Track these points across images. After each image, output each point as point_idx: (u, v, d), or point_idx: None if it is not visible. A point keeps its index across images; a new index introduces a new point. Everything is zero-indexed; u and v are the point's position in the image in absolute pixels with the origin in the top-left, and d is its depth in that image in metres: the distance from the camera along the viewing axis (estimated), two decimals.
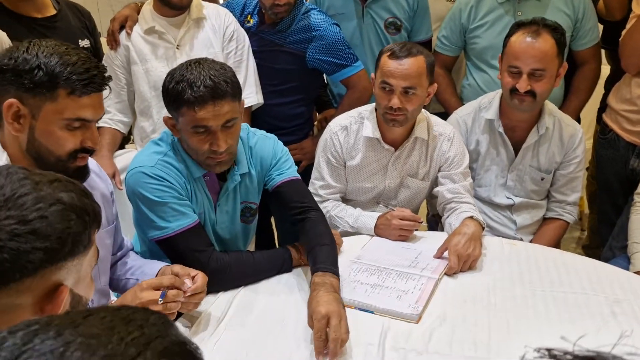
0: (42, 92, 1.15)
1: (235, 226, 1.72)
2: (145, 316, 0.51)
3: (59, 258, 0.74)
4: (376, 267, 1.67)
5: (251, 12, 2.29)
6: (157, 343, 0.49)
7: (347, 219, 1.90)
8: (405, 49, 1.79)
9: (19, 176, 0.76)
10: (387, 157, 1.95)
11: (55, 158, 1.21)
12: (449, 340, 1.37)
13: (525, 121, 2.00)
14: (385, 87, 1.80)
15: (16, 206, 0.72)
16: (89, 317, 0.50)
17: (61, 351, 0.45)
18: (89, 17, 2.30)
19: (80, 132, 1.21)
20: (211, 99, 1.42)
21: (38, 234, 0.72)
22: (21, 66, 1.14)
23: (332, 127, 1.98)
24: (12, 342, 0.46)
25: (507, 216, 2.12)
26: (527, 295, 1.55)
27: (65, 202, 0.75)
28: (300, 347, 1.34)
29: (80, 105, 1.18)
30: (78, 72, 1.16)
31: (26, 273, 0.72)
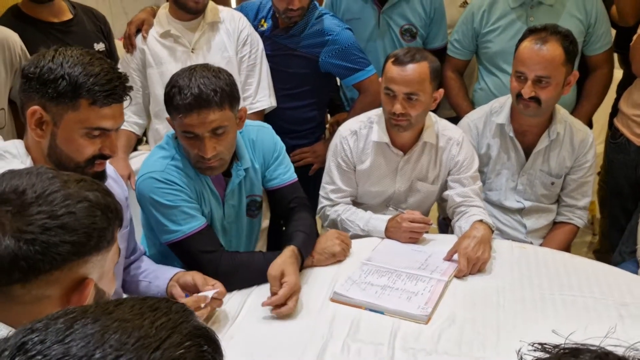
0: (65, 102, 1.19)
1: (241, 221, 1.76)
2: (168, 305, 0.57)
3: (85, 252, 0.78)
4: (386, 268, 1.69)
5: (265, 16, 2.32)
6: (183, 327, 0.54)
7: (358, 222, 1.92)
8: (408, 55, 1.80)
9: (48, 175, 0.80)
10: (396, 161, 1.97)
11: (74, 164, 1.24)
12: (458, 341, 1.39)
13: (536, 126, 2.01)
14: (388, 93, 1.83)
15: (46, 202, 0.76)
16: (120, 305, 0.55)
17: (101, 333, 0.50)
18: (104, 21, 2.35)
19: (99, 140, 1.25)
20: (196, 107, 1.46)
21: (67, 228, 0.76)
22: (46, 75, 1.18)
23: (341, 131, 2.00)
24: (55, 327, 0.51)
25: (517, 220, 2.13)
26: (536, 298, 1.56)
27: (91, 200, 0.80)
28: (312, 344, 1.37)
29: (101, 115, 1.22)
30: (100, 83, 1.19)
31: (55, 265, 0.76)
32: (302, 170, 2.26)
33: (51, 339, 0.49)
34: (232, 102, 1.54)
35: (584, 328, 1.37)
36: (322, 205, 2.02)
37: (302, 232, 1.65)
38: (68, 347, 0.48)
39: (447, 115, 2.39)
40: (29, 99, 1.21)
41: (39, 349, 0.48)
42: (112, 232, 0.83)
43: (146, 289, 1.54)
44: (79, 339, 0.49)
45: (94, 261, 0.81)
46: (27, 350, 0.49)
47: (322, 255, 1.71)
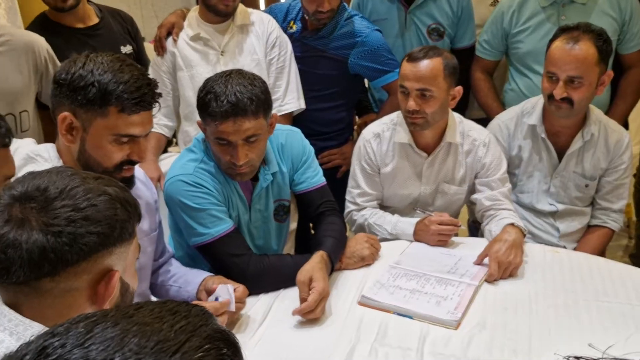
0: (94, 108, 1.21)
1: (269, 226, 1.76)
2: (188, 308, 0.58)
3: (109, 243, 0.81)
4: (415, 272, 1.67)
5: (294, 18, 2.33)
6: (202, 330, 0.55)
7: (386, 226, 1.90)
8: (422, 52, 1.79)
9: (67, 173, 0.84)
10: (420, 162, 1.95)
11: (102, 169, 1.26)
12: (489, 347, 1.37)
13: (569, 127, 1.96)
14: (403, 91, 1.82)
15: (69, 197, 0.79)
16: (140, 309, 0.56)
17: (121, 337, 0.51)
18: (131, 22, 2.37)
19: (128, 146, 1.27)
20: (232, 115, 1.46)
21: (91, 219, 0.79)
22: (76, 82, 1.20)
23: (364, 135, 1.99)
24: (76, 331, 0.52)
25: (549, 223, 2.08)
26: (569, 304, 1.53)
27: (111, 194, 0.83)
28: (340, 348, 1.37)
29: (130, 122, 1.23)
30: (129, 90, 1.21)
31: (82, 256, 0.79)
32: (330, 173, 2.26)
33: (71, 342, 0.50)
34: (266, 110, 1.54)
35: (625, 340, 1.34)
36: (349, 210, 2.01)
37: (332, 237, 1.65)
38: (88, 350, 0.49)
39: (476, 116, 2.36)
40: (60, 104, 1.23)
41: (60, 352, 0.49)
42: (132, 225, 0.86)
43: (177, 294, 1.56)
44: (98, 343, 0.50)
45: (118, 253, 0.83)
46: (47, 354, 0.49)
47: (351, 258, 1.70)
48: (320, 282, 1.47)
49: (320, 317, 1.47)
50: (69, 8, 2.11)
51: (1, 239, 0.77)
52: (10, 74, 1.83)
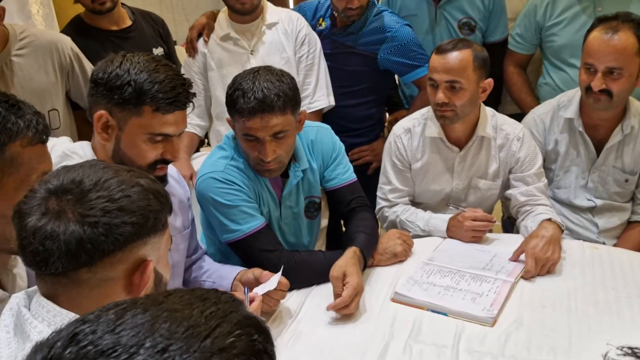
0: (129, 107, 1.23)
1: (299, 222, 1.76)
2: (217, 295, 0.58)
3: (143, 233, 0.82)
4: (449, 269, 1.64)
5: (323, 15, 2.32)
6: (232, 316, 0.54)
7: (418, 222, 1.88)
8: (451, 44, 1.77)
9: (100, 166, 0.85)
10: (452, 157, 1.92)
11: (136, 167, 1.26)
12: (527, 345, 1.33)
13: (608, 120, 1.91)
14: (432, 83, 1.79)
15: (104, 188, 0.81)
16: (170, 296, 0.56)
17: (151, 323, 0.51)
18: (162, 24, 2.41)
19: (162, 145, 1.28)
20: (260, 111, 1.46)
21: (125, 210, 0.80)
22: (113, 81, 1.22)
23: (395, 130, 1.97)
24: (106, 318, 0.52)
25: (588, 219, 2.02)
26: (610, 301, 1.48)
27: (143, 185, 0.84)
28: (373, 345, 1.35)
29: (164, 121, 1.25)
30: (164, 90, 1.22)
31: (118, 246, 0.80)
32: (360, 169, 2.24)
33: (102, 329, 0.50)
34: (294, 107, 1.54)
35: None
36: (380, 206, 1.99)
37: (364, 233, 1.64)
38: (119, 336, 0.49)
39: (510, 112, 2.31)
40: (96, 103, 1.26)
41: (91, 339, 0.49)
42: (164, 215, 0.87)
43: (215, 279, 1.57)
44: (129, 329, 0.50)
45: (152, 243, 0.85)
46: (79, 340, 0.49)
47: (384, 255, 1.69)
48: (354, 277, 1.46)
49: (354, 312, 1.46)
50: (106, 11, 2.16)
51: (39, 231, 0.78)
52: (35, 73, 1.87)
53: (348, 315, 1.46)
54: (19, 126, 0.99)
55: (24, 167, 1.00)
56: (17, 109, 1.01)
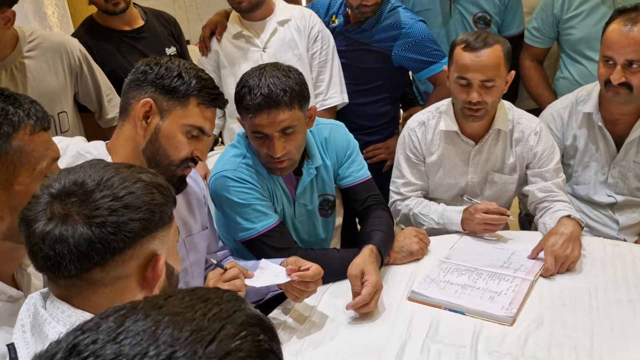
0: (177, 96, 1.27)
1: (314, 220, 1.75)
2: (219, 294, 0.56)
3: (151, 227, 0.82)
4: (466, 267, 1.62)
5: (336, 12, 2.30)
6: (236, 316, 0.53)
7: (432, 215, 1.85)
8: (480, 40, 1.71)
9: (101, 165, 0.85)
10: (467, 150, 1.88)
11: (168, 161, 1.29)
12: (547, 345, 1.31)
13: (629, 114, 1.86)
14: (462, 82, 1.75)
15: (107, 187, 0.81)
16: (169, 298, 0.54)
17: (153, 329, 0.49)
18: (174, 24, 2.40)
19: (195, 142, 1.31)
20: (266, 107, 1.46)
21: (131, 207, 0.80)
22: (164, 71, 1.28)
23: (409, 123, 1.94)
24: (106, 325, 0.50)
25: (608, 215, 1.98)
26: (633, 299, 1.45)
27: (145, 180, 0.84)
28: (391, 344, 1.33)
29: (205, 116, 1.30)
30: (209, 87, 1.30)
31: (128, 243, 0.80)
32: (375, 167, 2.22)
33: (103, 338, 0.48)
34: (302, 102, 1.52)
35: None
36: (393, 200, 1.96)
37: (381, 231, 1.62)
38: (120, 345, 0.47)
39: (527, 107, 2.27)
40: (140, 91, 1.28)
41: (92, 349, 0.47)
42: (169, 208, 0.87)
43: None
44: (131, 337, 0.48)
45: (160, 237, 0.85)
46: (79, 352, 0.48)
47: (400, 253, 1.67)
48: (373, 275, 1.45)
49: (374, 310, 1.44)
50: (120, 11, 2.16)
51: (48, 236, 0.78)
52: (45, 75, 1.87)
53: (365, 315, 1.44)
54: (20, 115, 0.99)
55: (33, 155, 1.01)
56: (14, 99, 1.01)
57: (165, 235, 0.86)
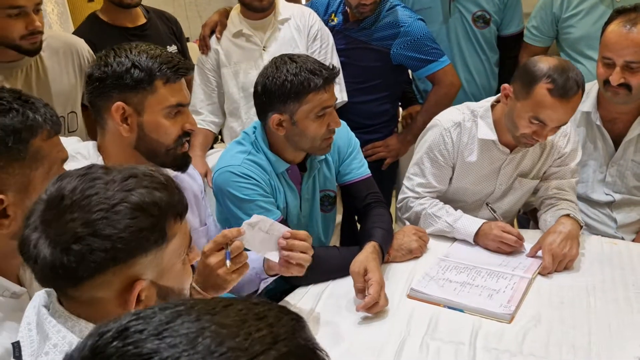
0: (143, 87, 1.25)
1: (315, 216, 1.76)
2: (278, 316, 0.52)
3: (122, 257, 0.75)
4: (465, 265, 1.63)
5: (335, 10, 2.31)
6: (282, 345, 0.49)
7: (446, 218, 1.77)
8: (570, 85, 1.53)
9: (92, 176, 0.78)
10: (501, 159, 1.80)
11: (165, 148, 1.30)
12: (545, 342, 1.32)
13: (627, 113, 1.87)
14: (534, 123, 1.60)
15: (81, 207, 0.74)
16: (229, 306, 0.52)
17: (194, 336, 0.48)
18: (175, 23, 2.42)
19: (180, 118, 1.30)
20: (332, 79, 1.55)
21: (99, 235, 0.73)
22: (118, 69, 1.24)
23: (442, 123, 1.81)
24: (159, 317, 0.50)
25: (606, 214, 2.00)
26: (630, 297, 1.46)
27: (131, 201, 0.76)
28: (390, 341, 1.34)
29: (176, 91, 1.28)
30: (165, 61, 1.26)
31: (93, 272, 0.74)
32: (374, 166, 2.23)
33: (149, 330, 0.49)
34: None
35: None
36: (406, 196, 1.88)
37: (381, 229, 1.63)
38: (160, 343, 0.48)
39: None
40: (107, 99, 1.26)
41: (136, 338, 0.48)
42: (161, 229, 0.79)
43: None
44: (172, 337, 0.48)
45: (143, 262, 0.78)
46: (126, 336, 0.49)
47: (399, 251, 1.68)
48: (376, 273, 1.46)
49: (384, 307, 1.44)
50: (135, 5, 2.18)
51: (33, 251, 0.76)
52: (57, 76, 1.87)
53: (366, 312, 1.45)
54: (38, 121, 1.00)
55: (47, 159, 1.02)
56: (31, 104, 1.01)
57: (154, 259, 0.79)
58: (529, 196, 1.95)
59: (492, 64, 2.44)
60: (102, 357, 0.48)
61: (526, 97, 1.59)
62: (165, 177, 0.83)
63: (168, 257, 0.81)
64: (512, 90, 1.65)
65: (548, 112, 1.57)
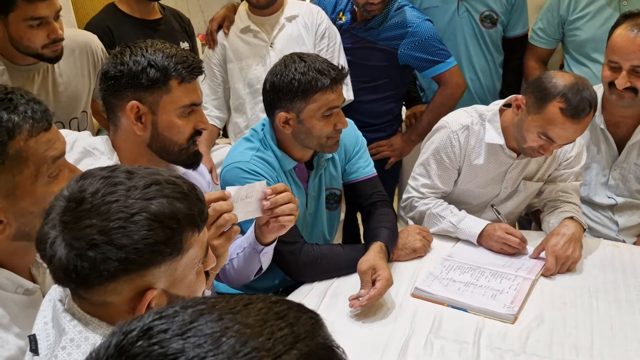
0: (158, 87, 1.25)
1: (320, 213, 1.77)
2: (297, 315, 0.53)
3: (135, 268, 0.75)
4: (469, 265, 1.64)
5: (343, 9, 2.31)
6: (303, 344, 0.50)
7: (450, 218, 1.78)
8: (582, 106, 1.53)
9: (114, 180, 0.77)
10: (507, 163, 1.81)
11: (178, 147, 1.30)
12: (548, 342, 1.33)
13: (631, 117, 1.89)
14: (542, 138, 1.61)
15: (100, 213, 0.74)
16: (249, 305, 0.53)
17: (218, 335, 0.49)
18: (188, 23, 2.45)
19: (192, 117, 1.31)
20: (340, 80, 1.55)
21: (115, 244, 0.72)
22: (134, 69, 1.23)
23: (450, 125, 1.81)
24: (182, 317, 0.51)
25: (608, 217, 2.01)
26: (632, 300, 1.48)
27: (150, 211, 0.75)
28: (394, 340, 1.36)
29: (190, 91, 1.28)
30: (181, 61, 1.26)
31: (105, 279, 0.74)
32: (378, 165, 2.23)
33: (174, 329, 0.49)
34: None
35: None
36: (410, 196, 1.89)
37: (387, 229, 1.64)
38: (185, 343, 0.48)
39: None
40: (122, 97, 1.26)
41: (161, 337, 0.49)
42: (177, 241, 0.77)
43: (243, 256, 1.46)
44: (197, 337, 0.49)
45: (155, 273, 0.77)
46: (151, 335, 0.49)
47: (403, 250, 1.69)
48: (386, 270, 1.48)
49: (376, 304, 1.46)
50: None
51: (49, 250, 0.75)
52: (73, 79, 1.87)
53: (368, 310, 1.46)
54: (14, 121, 0.92)
55: (31, 160, 0.94)
56: (8, 101, 0.94)
57: (167, 269, 0.78)
58: (532, 198, 1.96)
59: (497, 64, 2.45)
60: (128, 357, 0.49)
61: (538, 111, 1.59)
62: (188, 187, 0.81)
63: (182, 267, 0.80)
64: (524, 102, 1.65)
65: (557, 130, 1.58)
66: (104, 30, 2.13)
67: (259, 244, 1.40)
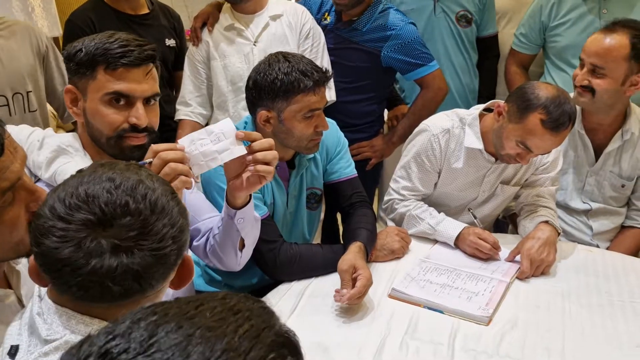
0: (85, 72, 1.22)
1: (301, 213, 1.78)
2: (249, 306, 0.53)
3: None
4: (446, 267, 1.66)
5: (328, 9, 2.31)
6: (265, 335, 0.51)
7: (429, 220, 1.81)
8: (563, 120, 1.56)
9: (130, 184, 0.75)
10: (486, 167, 1.84)
11: (105, 138, 1.24)
12: (521, 344, 1.36)
13: (608, 124, 1.92)
14: (520, 147, 1.64)
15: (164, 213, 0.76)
16: (201, 306, 0.52)
17: (185, 345, 0.47)
18: (178, 19, 2.43)
19: (125, 110, 1.23)
20: (322, 83, 1.55)
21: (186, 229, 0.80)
22: (71, 53, 1.23)
23: (431, 128, 1.83)
24: (138, 333, 0.48)
25: (582, 221, 2.05)
26: (604, 304, 1.51)
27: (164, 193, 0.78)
28: (370, 340, 1.37)
29: (116, 79, 1.21)
30: (112, 48, 1.20)
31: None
32: (358, 165, 2.24)
33: (135, 348, 0.47)
34: None
35: None
36: (391, 198, 1.92)
37: (366, 229, 1.66)
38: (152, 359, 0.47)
39: None
40: (70, 82, 1.26)
41: (123, 359, 0.46)
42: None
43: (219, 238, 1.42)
44: (162, 351, 0.47)
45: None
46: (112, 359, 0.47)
47: (381, 251, 1.71)
48: (366, 270, 1.50)
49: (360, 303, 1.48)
50: None
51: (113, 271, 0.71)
52: (14, 53, 1.87)
53: (346, 311, 1.48)
54: None
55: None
56: None
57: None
58: (509, 202, 1.99)
59: (474, 63, 2.52)
60: None
61: (518, 121, 1.62)
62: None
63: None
64: (506, 110, 1.67)
65: (536, 141, 1.61)
66: (85, 21, 2.11)
67: (230, 208, 1.33)
